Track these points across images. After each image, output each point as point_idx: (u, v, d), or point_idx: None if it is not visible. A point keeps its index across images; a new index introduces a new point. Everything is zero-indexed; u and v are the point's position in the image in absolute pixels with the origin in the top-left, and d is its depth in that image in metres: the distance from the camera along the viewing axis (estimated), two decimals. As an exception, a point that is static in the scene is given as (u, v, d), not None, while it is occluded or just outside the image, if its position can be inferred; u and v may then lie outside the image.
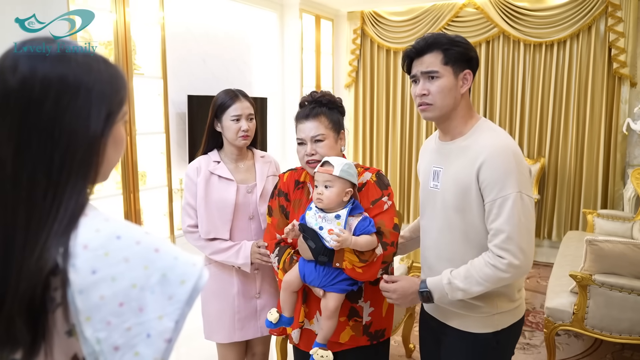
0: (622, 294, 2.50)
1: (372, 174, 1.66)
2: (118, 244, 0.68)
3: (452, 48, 1.44)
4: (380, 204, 1.61)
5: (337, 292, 1.55)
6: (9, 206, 0.67)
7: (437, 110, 1.48)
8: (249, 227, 1.99)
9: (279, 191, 1.76)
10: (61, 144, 0.69)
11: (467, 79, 1.47)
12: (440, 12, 5.40)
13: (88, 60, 0.73)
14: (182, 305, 0.68)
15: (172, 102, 3.95)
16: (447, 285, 1.44)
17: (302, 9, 5.26)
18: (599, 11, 4.68)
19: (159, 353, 0.67)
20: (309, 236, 1.54)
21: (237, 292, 1.99)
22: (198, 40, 4.36)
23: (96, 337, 0.64)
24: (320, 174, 1.54)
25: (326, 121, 1.64)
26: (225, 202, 1.94)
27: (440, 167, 1.53)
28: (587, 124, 4.86)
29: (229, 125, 1.94)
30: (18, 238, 0.66)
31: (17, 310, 0.64)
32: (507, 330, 1.53)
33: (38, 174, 0.68)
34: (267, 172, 2.05)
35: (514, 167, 1.39)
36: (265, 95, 5.03)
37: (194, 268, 0.70)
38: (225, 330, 1.99)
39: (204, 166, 1.98)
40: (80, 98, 0.70)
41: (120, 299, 0.65)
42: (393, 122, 5.90)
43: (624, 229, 3.91)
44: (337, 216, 1.52)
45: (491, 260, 1.39)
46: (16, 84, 0.69)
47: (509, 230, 1.36)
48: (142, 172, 3.65)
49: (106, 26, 3.28)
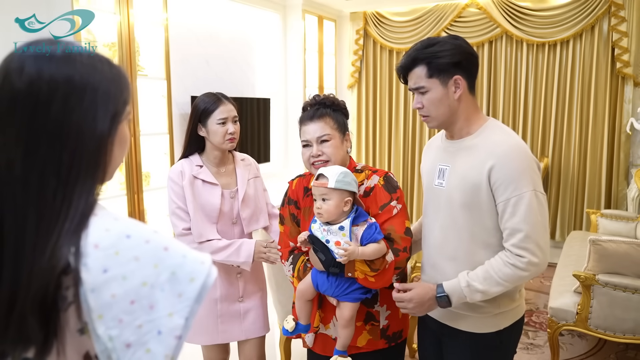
0: (626, 294, 2.50)
1: (380, 177, 1.61)
2: (128, 243, 0.69)
3: (434, 60, 1.43)
4: (389, 208, 1.56)
5: (351, 301, 1.53)
6: (19, 207, 0.68)
7: (435, 121, 1.50)
8: (232, 231, 1.98)
9: (288, 199, 1.74)
10: (70, 144, 0.70)
11: (459, 84, 1.45)
12: (443, 12, 5.41)
13: (92, 60, 0.74)
14: (191, 303, 0.70)
15: (175, 103, 3.96)
16: (466, 288, 1.42)
17: (304, 9, 5.27)
18: (602, 11, 4.67)
19: (170, 350, 0.68)
20: (319, 248, 1.51)
21: (220, 296, 1.98)
22: (201, 42, 4.37)
23: (108, 335, 0.65)
24: (317, 187, 1.50)
25: (331, 122, 1.62)
26: (211, 206, 1.93)
27: (447, 165, 1.52)
28: (591, 123, 4.86)
29: (215, 130, 1.91)
30: (29, 238, 0.66)
31: (29, 309, 0.65)
32: (509, 329, 1.53)
33: (47, 174, 0.68)
34: (248, 175, 2.04)
35: (527, 165, 1.39)
36: (268, 95, 5.05)
37: (203, 266, 0.71)
38: (208, 333, 1.98)
39: (187, 170, 1.94)
40: (86, 98, 0.71)
41: (131, 297, 0.66)
42: (396, 122, 5.90)
43: (627, 228, 3.90)
44: (341, 227, 1.48)
45: (510, 259, 1.39)
46: (23, 85, 0.69)
47: (526, 229, 1.37)
48: (146, 172, 3.66)
49: (110, 28, 3.29)
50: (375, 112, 6.00)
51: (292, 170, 5.06)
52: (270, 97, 4.96)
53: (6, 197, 0.68)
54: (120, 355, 0.66)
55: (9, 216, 0.67)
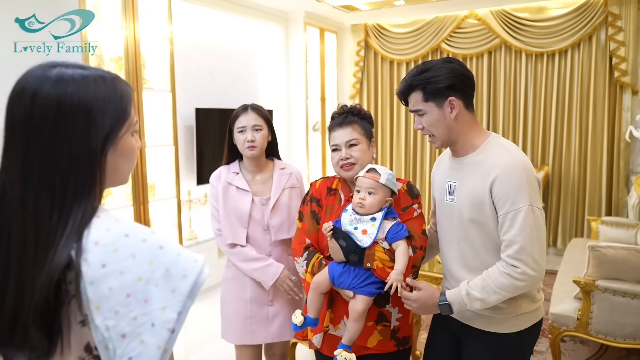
0: (625, 299, 2.52)
1: (403, 184, 1.74)
2: (126, 241, 0.74)
3: (428, 86, 1.53)
4: (411, 210, 1.70)
5: (365, 294, 1.59)
6: (20, 225, 0.73)
7: (438, 141, 1.60)
8: (264, 237, 2.05)
9: (311, 197, 1.83)
10: (62, 166, 0.74)
11: (454, 105, 1.54)
12: (443, 24, 5.48)
13: (86, 81, 0.77)
14: (184, 298, 0.74)
15: (180, 115, 4.03)
16: (466, 297, 1.51)
17: (306, 22, 5.36)
18: (599, 21, 4.74)
19: (163, 341, 0.72)
20: (340, 236, 1.60)
21: (250, 297, 2.05)
22: (205, 54, 4.45)
23: (105, 325, 0.70)
24: (365, 179, 1.61)
25: (359, 128, 1.73)
26: (240, 211, 2.01)
27: (455, 182, 1.62)
28: (590, 132, 4.91)
29: (237, 137, 2.04)
30: (30, 254, 0.72)
31: (31, 321, 0.70)
32: (529, 330, 1.60)
33: (42, 196, 0.73)
34: (285, 184, 2.08)
35: (524, 182, 1.47)
36: (271, 107, 5.11)
37: (195, 264, 0.77)
38: (237, 332, 2.06)
39: (223, 176, 2.06)
40: (78, 120, 0.75)
41: (128, 291, 0.72)
42: (397, 132, 5.96)
43: (628, 235, 3.93)
44: (373, 218, 1.59)
45: (506, 269, 1.47)
46: (20, 111, 0.75)
47: (521, 242, 1.45)
48: (151, 183, 3.72)
49: (117, 42, 3.37)
50: (376, 122, 6.05)
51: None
52: (272, 109, 5.03)
53: (12, 215, 0.73)
54: (116, 345, 0.71)
55: (15, 233, 0.73)
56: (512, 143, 1.62)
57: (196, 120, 4.12)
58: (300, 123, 5.49)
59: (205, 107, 4.30)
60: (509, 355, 1.61)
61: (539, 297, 1.63)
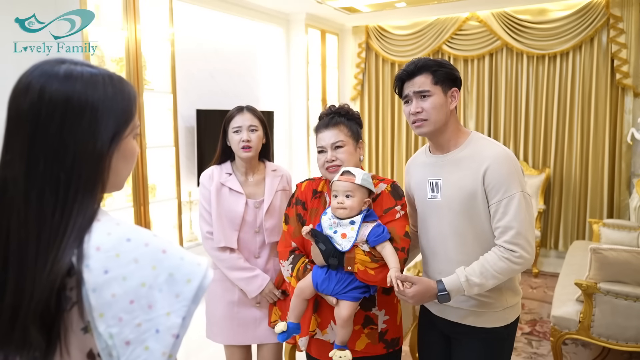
0: (628, 302, 2.51)
1: (387, 184, 1.71)
2: (128, 245, 0.73)
3: (440, 69, 1.59)
4: (393, 212, 1.66)
5: (349, 300, 1.58)
6: (22, 221, 0.71)
7: (431, 125, 1.61)
8: (254, 239, 2.03)
9: (296, 200, 1.81)
10: (67, 163, 0.73)
11: (455, 96, 1.63)
12: (444, 25, 5.48)
13: (94, 79, 0.76)
14: (188, 303, 0.73)
15: (181, 117, 4.03)
16: (465, 283, 1.54)
17: (307, 24, 5.36)
18: (600, 23, 4.74)
19: (167, 348, 0.71)
20: (320, 239, 1.58)
21: (238, 299, 2.04)
22: (206, 56, 4.45)
23: (109, 332, 0.69)
24: (341, 182, 1.58)
25: (345, 129, 1.71)
26: (233, 213, 1.99)
27: (438, 178, 1.64)
28: (592, 134, 4.90)
29: (231, 138, 2.02)
30: (31, 251, 0.70)
31: (31, 319, 0.68)
32: (514, 322, 1.70)
33: (46, 192, 0.72)
34: (277, 186, 2.08)
35: (514, 169, 1.56)
36: (272, 108, 5.11)
37: (199, 268, 0.75)
38: (224, 333, 2.06)
39: (216, 176, 2.04)
40: (85, 118, 0.74)
41: (131, 297, 0.70)
42: (398, 133, 5.95)
43: (630, 238, 3.92)
44: (352, 222, 1.57)
45: (504, 254, 1.53)
46: (27, 106, 0.73)
47: (517, 227, 1.52)
48: (152, 185, 3.72)
49: (118, 43, 3.37)
50: (377, 123, 6.06)
51: (295, 183, 5.09)
52: (273, 110, 5.03)
53: (13, 210, 0.72)
54: (120, 353, 0.69)
55: (14, 229, 0.71)
56: (494, 139, 1.70)
57: (197, 121, 4.12)
58: (301, 125, 5.48)
59: (206, 108, 4.30)
60: (500, 348, 1.69)
61: (519, 290, 1.71)
